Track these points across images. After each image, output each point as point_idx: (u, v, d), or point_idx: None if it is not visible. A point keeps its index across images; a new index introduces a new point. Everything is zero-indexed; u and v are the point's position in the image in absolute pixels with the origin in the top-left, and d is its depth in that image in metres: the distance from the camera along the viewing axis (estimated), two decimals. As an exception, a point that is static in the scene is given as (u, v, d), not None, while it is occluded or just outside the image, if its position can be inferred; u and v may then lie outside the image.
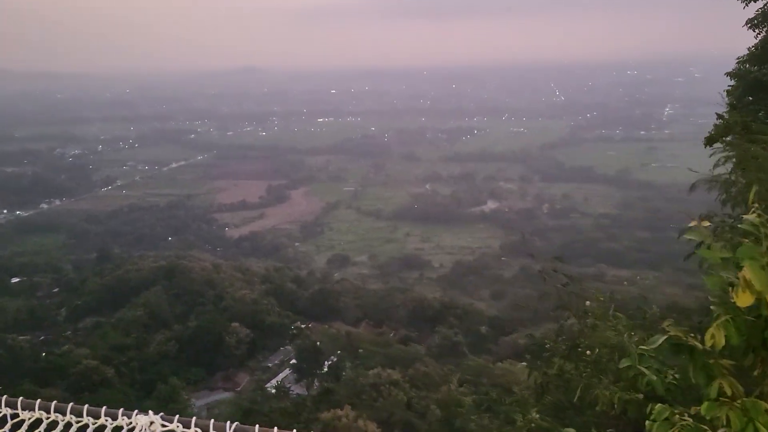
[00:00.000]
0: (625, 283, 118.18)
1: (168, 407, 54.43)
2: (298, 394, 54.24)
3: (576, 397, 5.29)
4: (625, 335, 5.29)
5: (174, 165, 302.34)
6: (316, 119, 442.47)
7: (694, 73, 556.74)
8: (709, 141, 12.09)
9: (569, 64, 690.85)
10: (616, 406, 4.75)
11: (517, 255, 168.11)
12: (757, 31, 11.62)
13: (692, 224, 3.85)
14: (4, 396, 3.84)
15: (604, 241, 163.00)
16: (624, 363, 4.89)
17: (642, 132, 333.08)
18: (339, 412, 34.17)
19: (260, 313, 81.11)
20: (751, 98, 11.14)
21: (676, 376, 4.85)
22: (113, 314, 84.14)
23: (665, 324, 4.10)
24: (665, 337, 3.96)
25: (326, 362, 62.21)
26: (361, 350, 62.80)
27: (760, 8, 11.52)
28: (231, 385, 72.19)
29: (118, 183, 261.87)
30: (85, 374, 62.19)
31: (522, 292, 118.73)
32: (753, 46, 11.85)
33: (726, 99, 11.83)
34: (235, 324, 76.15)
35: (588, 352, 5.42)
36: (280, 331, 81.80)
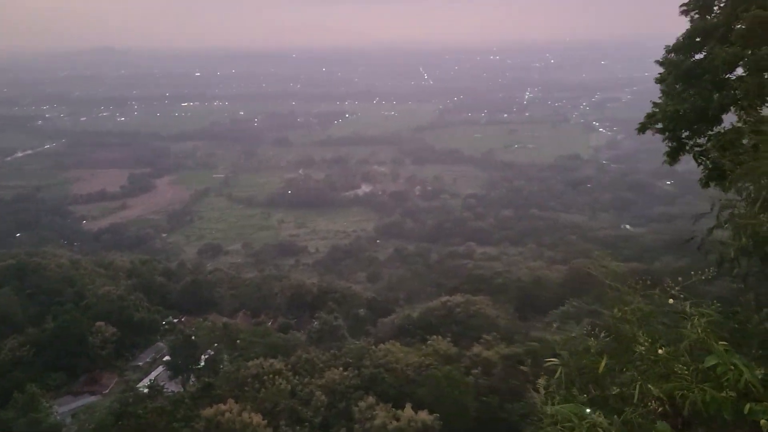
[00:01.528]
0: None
1: (28, 417, 49.78)
2: (173, 391, 51.66)
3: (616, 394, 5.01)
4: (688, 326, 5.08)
5: (20, 154, 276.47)
6: (180, 103, 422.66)
7: (550, 59, 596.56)
8: (642, 128, 12.72)
9: (436, 49, 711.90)
10: (705, 406, 4.47)
11: (391, 237, 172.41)
12: (688, 17, 12.08)
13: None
14: None
15: (472, 220, 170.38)
16: (710, 361, 4.67)
17: (505, 115, 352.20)
18: (222, 406, 32.89)
19: (127, 309, 76.21)
20: (680, 86, 11.59)
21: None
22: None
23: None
24: None
25: (203, 356, 59.77)
26: (239, 341, 61.02)
27: None
28: (97, 387, 67.43)
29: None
30: None
31: (397, 273, 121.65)
32: (682, 35, 12.35)
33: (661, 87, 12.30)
34: (100, 323, 71.02)
35: (641, 348, 5.09)
36: (150, 328, 77.51)
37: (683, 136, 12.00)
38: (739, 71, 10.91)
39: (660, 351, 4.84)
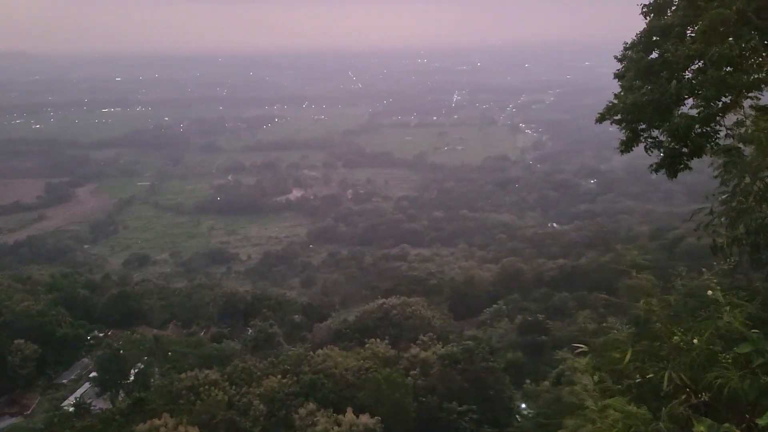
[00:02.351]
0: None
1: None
2: (102, 409, 49.40)
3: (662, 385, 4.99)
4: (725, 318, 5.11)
5: None
6: (101, 109, 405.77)
7: (477, 62, 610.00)
8: (600, 119, 13.36)
9: (365, 52, 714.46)
10: (744, 392, 4.51)
11: (324, 241, 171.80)
12: (647, 18, 12.83)
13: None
14: None
15: (404, 222, 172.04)
16: (744, 348, 4.70)
17: (434, 117, 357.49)
18: (156, 421, 31.67)
19: (48, 325, 72.28)
20: (640, 81, 12.31)
21: None
22: None
23: None
24: None
25: (132, 370, 57.43)
26: (170, 353, 59.01)
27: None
28: (18, 408, 63.60)
29: None
30: None
31: (331, 277, 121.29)
32: (639, 33, 13.08)
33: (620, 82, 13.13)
34: (19, 341, 66.96)
35: (678, 339, 5.10)
36: (74, 343, 73.78)
37: (639, 127, 12.56)
38: (695, 66, 11.69)
39: (695, 341, 4.94)
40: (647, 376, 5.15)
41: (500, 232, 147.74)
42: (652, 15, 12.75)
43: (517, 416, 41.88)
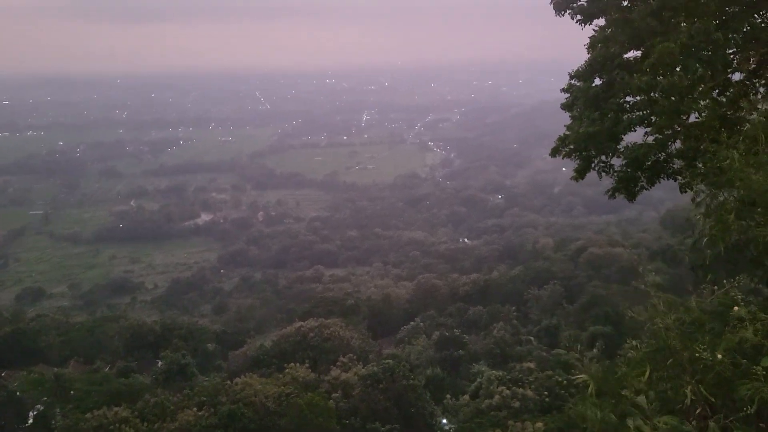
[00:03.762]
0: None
1: None
2: (-4, 459, 45.41)
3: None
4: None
5: None
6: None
7: (384, 82, 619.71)
8: (554, 152, 14.05)
9: (272, 73, 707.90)
10: None
11: (236, 266, 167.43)
12: (591, 50, 13.64)
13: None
14: None
15: (318, 243, 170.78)
16: (766, 361, 4.70)
17: (344, 137, 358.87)
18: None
19: (-69, 371, 65.99)
20: (589, 110, 12.97)
21: None
22: None
23: None
24: None
25: (31, 413, 53.23)
26: (73, 392, 55.16)
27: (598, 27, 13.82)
28: None
29: None
30: None
31: (245, 302, 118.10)
32: (584, 64, 13.91)
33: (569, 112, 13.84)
34: None
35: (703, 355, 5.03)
36: (-39, 389, 67.70)
37: (591, 155, 13.40)
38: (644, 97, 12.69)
39: (719, 355, 4.98)
40: (666, 392, 5.20)
41: (414, 249, 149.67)
42: (598, 46, 13.57)
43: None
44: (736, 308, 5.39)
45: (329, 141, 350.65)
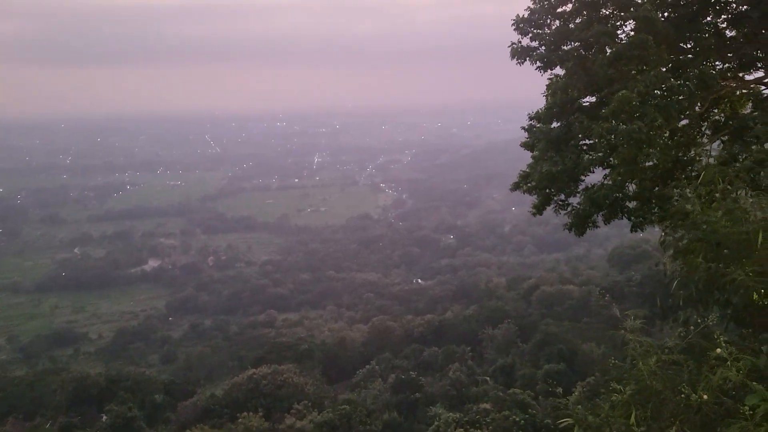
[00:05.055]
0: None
1: None
2: None
3: None
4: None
5: None
6: None
7: (335, 124, 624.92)
8: (515, 187, 14.82)
9: (222, 117, 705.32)
10: None
11: (185, 312, 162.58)
12: (550, 96, 14.32)
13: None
14: None
15: (270, 287, 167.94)
16: (752, 400, 4.71)
17: (296, 180, 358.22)
18: None
19: None
20: (550, 152, 13.71)
21: None
22: None
23: None
24: None
25: (-39, 480, 49.81)
26: (9, 453, 51.96)
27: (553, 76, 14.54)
28: None
29: None
30: None
31: (194, 350, 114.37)
32: (544, 106, 14.50)
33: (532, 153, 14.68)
34: None
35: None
36: None
37: (551, 193, 14.13)
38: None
39: (704, 396, 4.94)
40: None
41: (367, 291, 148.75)
42: (557, 93, 14.22)
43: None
44: (718, 350, 5.41)
45: (281, 184, 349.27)
